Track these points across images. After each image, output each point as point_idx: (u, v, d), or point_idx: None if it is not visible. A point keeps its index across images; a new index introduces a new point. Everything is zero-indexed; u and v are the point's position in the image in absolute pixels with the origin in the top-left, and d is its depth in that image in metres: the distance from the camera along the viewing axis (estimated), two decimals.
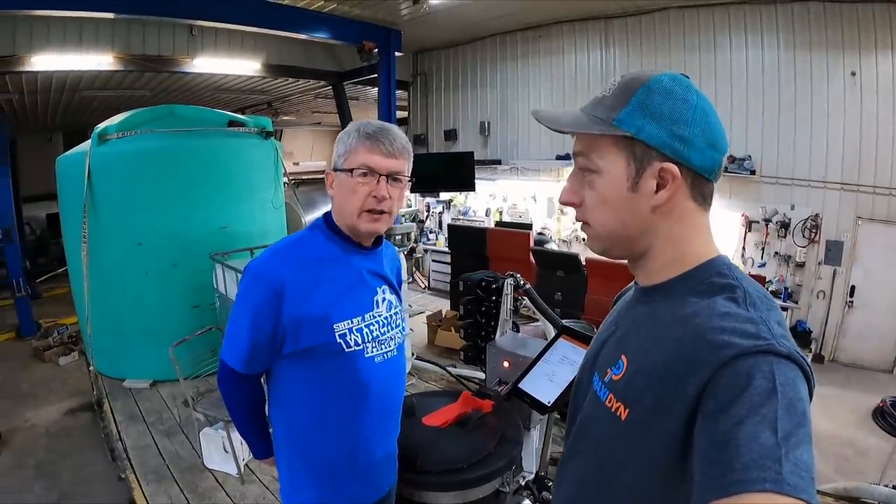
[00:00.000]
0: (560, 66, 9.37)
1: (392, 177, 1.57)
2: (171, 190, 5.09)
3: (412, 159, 1.65)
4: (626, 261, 1.03)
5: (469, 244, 8.30)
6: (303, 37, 8.21)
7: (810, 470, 0.66)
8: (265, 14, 7.40)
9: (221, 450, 3.75)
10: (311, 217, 12.12)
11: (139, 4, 6.42)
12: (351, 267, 1.63)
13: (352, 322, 1.58)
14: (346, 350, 1.56)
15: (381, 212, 1.58)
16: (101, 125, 5.12)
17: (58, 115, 11.80)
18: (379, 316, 1.67)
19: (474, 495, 2.10)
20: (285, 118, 15.29)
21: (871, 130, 6.53)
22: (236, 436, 3.66)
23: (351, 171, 1.54)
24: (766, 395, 0.70)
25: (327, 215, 1.66)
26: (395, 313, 1.75)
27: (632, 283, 1.09)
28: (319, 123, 17.72)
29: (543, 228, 9.64)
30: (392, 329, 1.71)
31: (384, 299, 1.70)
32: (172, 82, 9.92)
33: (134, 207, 5.02)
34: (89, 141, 5.06)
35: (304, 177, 16.83)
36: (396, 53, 9.16)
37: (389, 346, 1.69)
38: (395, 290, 1.79)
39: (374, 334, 1.63)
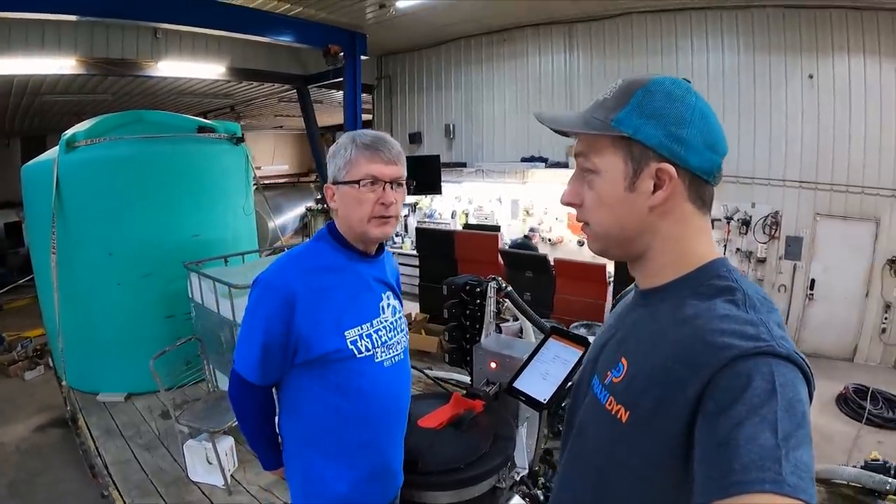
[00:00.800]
0: (524, 69, 9.50)
1: (395, 182, 1.61)
2: (142, 198, 4.95)
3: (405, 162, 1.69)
4: (626, 261, 1.04)
5: (437, 247, 8.25)
6: (268, 40, 8.17)
7: (810, 471, 0.67)
8: (230, 17, 7.32)
9: (205, 461, 3.68)
10: (280, 221, 11.99)
11: (103, 7, 6.27)
12: (357, 275, 1.66)
13: (361, 328, 1.61)
14: (358, 356, 1.59)
15: (389, 216, 1.61)
16: (69, 132, 4.94)
17: (16, 120, 11.41)
18: (385, 321, 1.70)
19: (473, 493, 2.15)
20: (247, 122, 15.10)
21: (828, 131, 6.82)
22: (221, 447, 3.62)
23: (357, 182, 1.57)
24: (765, 396, 0.71)
25: (331, 226, 1.69)
26: (399, 318, 1.79)
27: (632, 285, 1.10)
28: (281, 127, 17.56)
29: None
30: (398, 333, 1.75)
31: (389, 305, 1.74)
32: (135, 86, 9.72)
33: (104, 216, 4.86)
34: (56, 148, 4.92)
35: (266, 181, 16.66)
36: (362, 57, 9.14)
37: (397, 351, 1.72)
38: (398, 296, 1.83)
39: (383, 339, 1.67)
